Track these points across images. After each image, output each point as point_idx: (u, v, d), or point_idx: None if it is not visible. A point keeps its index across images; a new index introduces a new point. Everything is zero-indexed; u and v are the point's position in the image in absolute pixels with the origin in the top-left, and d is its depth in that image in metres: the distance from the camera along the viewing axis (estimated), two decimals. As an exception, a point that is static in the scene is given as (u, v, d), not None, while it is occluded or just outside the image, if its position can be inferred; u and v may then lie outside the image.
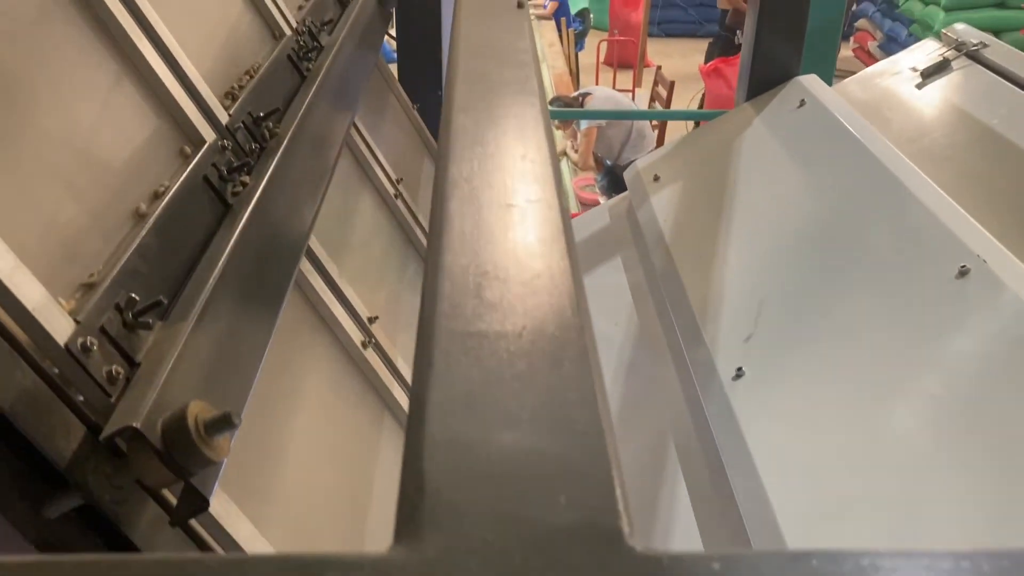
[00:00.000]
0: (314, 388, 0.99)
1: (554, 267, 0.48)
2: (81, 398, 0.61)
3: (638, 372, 1.64)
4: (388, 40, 2.23)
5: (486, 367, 0.40)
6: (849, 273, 1.39)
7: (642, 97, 7.13)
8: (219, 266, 0.76)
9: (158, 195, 0.81)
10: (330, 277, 1.07)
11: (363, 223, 1.33)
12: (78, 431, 0.60)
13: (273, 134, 1.02)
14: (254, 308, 0.79)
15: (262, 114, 1.01)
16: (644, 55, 8.45)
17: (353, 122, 1.35)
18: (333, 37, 1.36)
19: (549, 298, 0.45)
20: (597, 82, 7.78)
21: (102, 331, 0.63)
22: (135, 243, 0.72)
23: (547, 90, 6.71)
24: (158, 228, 0.76)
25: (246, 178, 0.91)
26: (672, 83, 6.18)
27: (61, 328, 0.60)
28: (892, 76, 1.97)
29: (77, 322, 0.62)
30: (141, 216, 0.77)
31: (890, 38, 8.75)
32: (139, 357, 0.66)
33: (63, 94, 0.75)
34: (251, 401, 0.74)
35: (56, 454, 0.58)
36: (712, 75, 6.43)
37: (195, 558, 0.59)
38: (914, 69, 1.91)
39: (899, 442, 1.15)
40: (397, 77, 1.88)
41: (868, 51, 9.09)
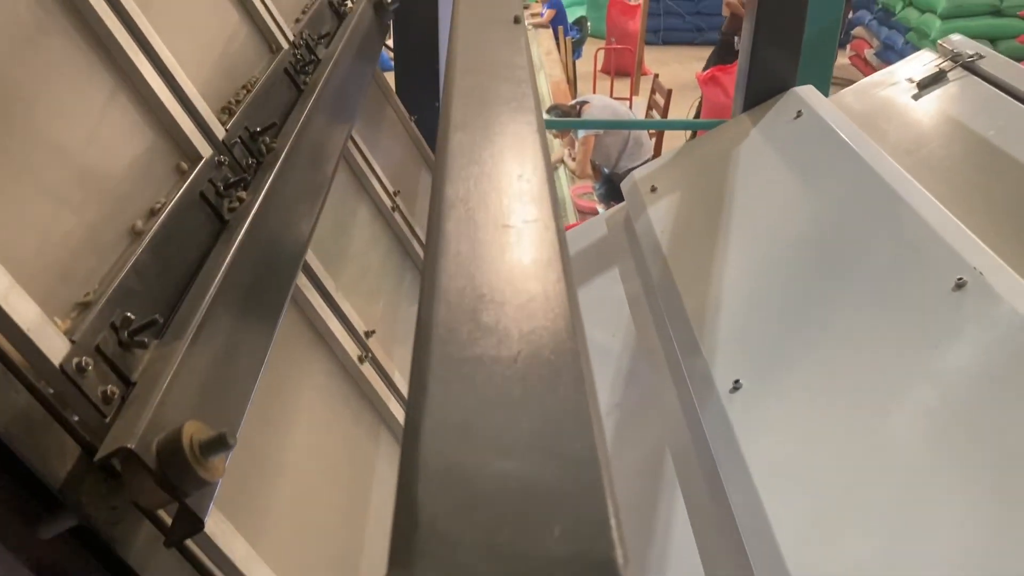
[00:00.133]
0: (310, 404, 0.99)
1: (550, 289, 0.48)
2: (76, 418, 0.61)
3: (636, 384, 1.64)
4: (386, 50, 2.23)
5: (481, 394, 0.40)
6: (846, 285, 1.39)
7: (639, 105, 7.14)
8: (215, 283, 0.76)
9: (154, 212, 0.80)
10: (326, 291, 1.07)
11: (360, 236, 1.33)
12: (73, 451, 0.60)
13: (270, 149, 1.02)
14: (250, 325, 0.79)
15: (259, 129, 1.01)
16: (641, 63, 8.47)
17: (350, 135, 1.35)
18: (330, 50, 1.36)
19: (545, 321, 0.45)
20: (594, 90, 7.80)
21: (97, 350, 0.63)
22: (131, 261, 0.72)
23: (544, 98, 6.73)
24: (154, 246, 0.76)
25: (243, 193, 0.91)
26: (669, 91, 6.19)
27: (56, 348, 0.60)
28: (889, 87, 1.98)
29: (72, 342, 0.62)
30: (137, 233, 0.77)
31: (886, 46, 8.78)
32: (135, 376, 0.65)
33: (58, 111, 0.75)
34: (247, 418, 0.74)
35: (50, 475, 0.58)
36: (709, 83, 6.45)
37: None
38: (910, 80, 1.91)
39: (896, 455, 1.15)
40: (395, 88, 1.88)
41: (865, 59, 9.12)
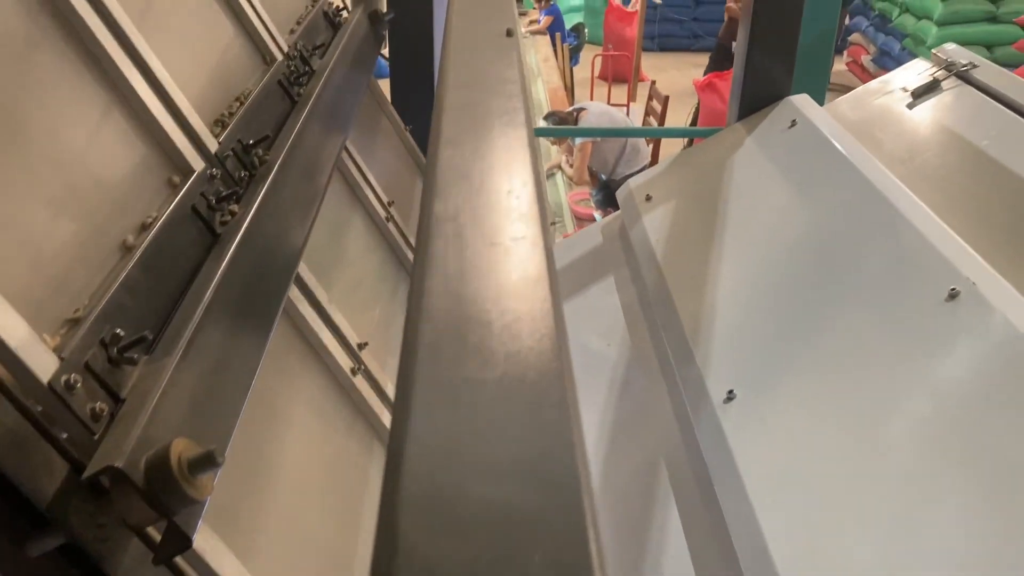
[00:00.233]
0: (302, 417, 0.99)
1: (536, 309, 0.48)
2: (64, 436, 0.61)
3: (631, 393, 1.64)
4: (382, 57, 2.23)
5: (464, 417, 0.40)
6: (840, 295, 1.39)
7: (637, 112, 7.16)
8: (206, 298, 0.76)
9: (146, 227, 0.81)
10: (319, 303, 1.07)
11: (353, 247, 1.33)
12: (61, 469, 0.60)
13: (263, 161, 1.02)
14: (241, 339, 0.79)
15: (252, 141, 1.02)
16: (639, 69, 8.49)
17: (344, 145, 1.35)
18: (324, 61, 1.36)
19: (530, 342, 0.45)
20: (592, 97, 7.82)
21: (86, 367, 0.63)
22: (121, 276, 0.72)
23: (542, 105, 6.74)
24: (145, 261, 0.76)
25: (235, 207, 0.91)
26: (666, 98, 6.20)
27: (45, 366, 0.60)
28: (884, 96, 1.98)
29: (61, 359, 0.62)
30: (128, 248, 0.77)
31: (883, 52, 8.80)
32: (124, 393, 0.65)
33: (49, 126, 0.75)
34: (238, 432, 0.74)
35: (38, 493, 0.58)
36: (706, 89, 6.46)
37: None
38: (904, 89, 1.92)
39: (890, 466, 1.15)
40: (390, 98, 1.88)
41: (862, 65, 9.14)
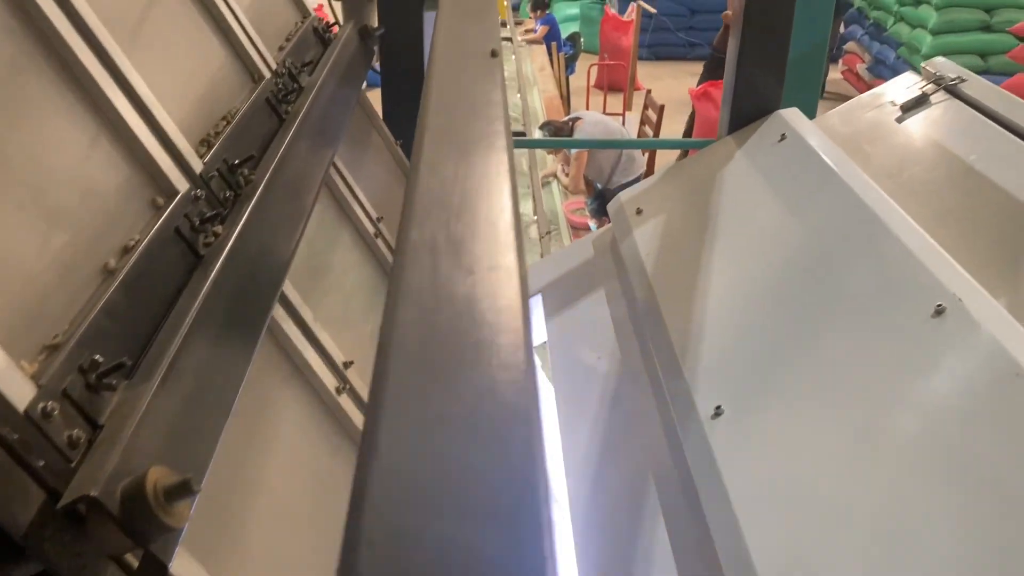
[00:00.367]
0: (286, 437, 0.99)
1: (507, 343, 0.48)
2: (41, 463, 0.61)
3: (620, 407, 1.64)
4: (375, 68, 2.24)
5: (430, 453, 0.40)
6: (827, 311, 1.39)
7: (632, 120, 7.17)
8: (187, 321, 0.76)
9: (128, 249, 0.81)
10: (304, 322, 1.07)
11: (341, 264, 1.34)
12: (37, 497, 0.60)
13: (248, 181, 1.02)
14: (223, 361, 0.79)
15: (237, 161, 1.02)
16: (634, 79, 8.51)
17: (332, 162, 1.35)
18: (314, 78, 1.37)
19: (501, 373, 0.45)
20: (588, 106, 7.84)
21: (64, 394, 0.63)
22: (102, 301, 0.72)
23: (538, 114, 6.76)
24: (126, 284, 0.76)
25: (219, 228, 0.91)
26: (662, 107, 6.22)
27: (21, 394, 0.60)
28: (873, 109, 1.99)
29: (39, 386, 0.62)
30: (110, 272, 0.77)
31: (878, 61, 8.84)
32: (102, 419, 0.65)
33: (29, 149, 0.75)
34: (219, 455, 0.74)
35: (14, 522, 0.57)
36: (702, 98, 6.48)
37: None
38: (894, 103, 1.92)
39: (875, 483, 1.15)
40: (382, 112, 1.89)
41: (857, 74, 9.18)
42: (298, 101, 1.27)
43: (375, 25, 1.75)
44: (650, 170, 5.87)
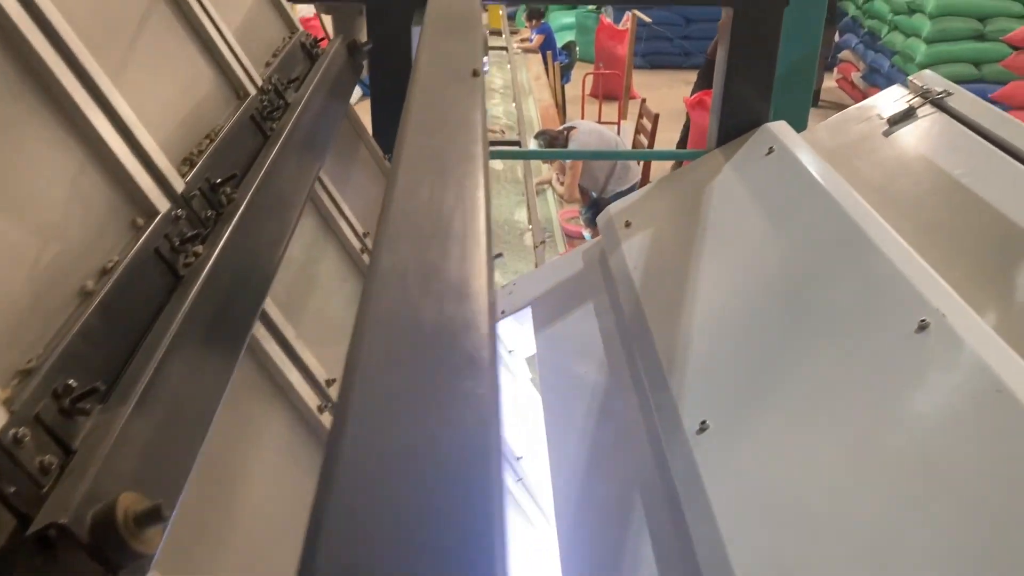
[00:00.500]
0: (267, 457, 0.99)
1: (473, 374, 0.48)
2: (12, 490, 0.61)
3: (607, 421, 1.64)
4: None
5: (386, 495, 0.40)
6: (812, 325, 1.40)
7: (628, 129, 7.19)
8: (164, 343, 0.76)
9: (106, 271, 0.81)
10: (286, 340, 1.07)
11: (325, 280, 1.34)
12: (8, 524, 0.60)
13: (231, 199, 1.02)
14: (200, 384, 0.79)
15: (220, 180, 1.02)
16: (630, 87, 8.53)
17: (318, 177, 1.35)
18: (300, 93, 1.37)
19: (466, 412, 0.45)
20: (583, 115, 7.85)
21: (36, 420, 0.63)
22: (78, 324, 0.72)
23: (533, 123, 6.77)
24: (104, 307, 0.76)
25: (199, 248, 0.91)
26: (656, 116, 6.24)
27: (-7, 421, 0.60)
28: (861, 123, 2.00)
29: (11, 412, 0.62)
30: (87, 294, 0.77)
31: (873, 69, 8.88)
32: (75, 444, 0.65)
33: (5, 169, 0.76)
34: (197, 477, 0.74)
35: (-18, 549, 0.58)
36: (696, 107, 6.50)
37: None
38: (881, 116, 1.93)
39: (859, 498, 1.15)
40: (372, 126, 1.89)
41: (852, 82, 9.21)
42: (283, 117, 1.28)
43: (364, 39, 1.76)
44: (645, 179, 5.88)
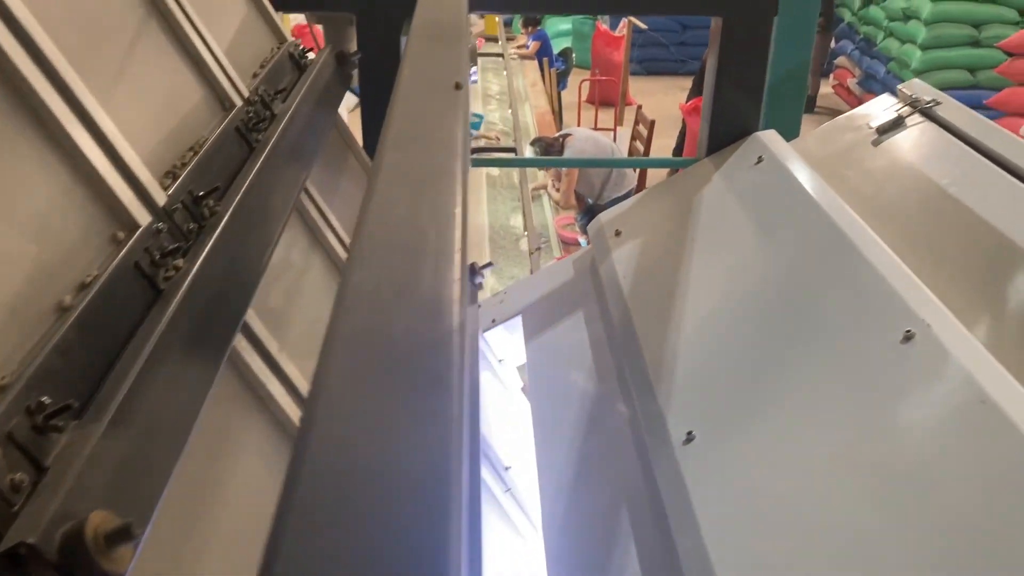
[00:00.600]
0: (248, 472, 0.99)
1: (440, 396, 0.48)
2: (-18, 509, 0.61)
3: (595, 430, 1.64)
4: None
5: (341, 516, 0.40)
6: (797, 336, 1.40)
7: (623, 136, 7.20)
8: (141, 359, 0.76)
9: (85, 286, 0.81)
10: (269, 353, 1.07)
11: (310, 291, 1.34)
12: (-22, 543, 0.60)
13: (213, 212, 1.02)
14: (176, 399, 0.79)
15: (202, 193, 1.02)
16: (626, 94, 8.55)
17: (304, 188, 1.35)
18: (287, 104, 1.37)
19: (428, 432, 0.45)
20: (579, 121, 7.87)
21: (8, 437, 0.63)
22: (54, 340, 0.72)
23: (529, 129, 6.78)
24: (81, 322, 0.76)
25: (180, 261, 0.91)
26: (652, 122, 6.25)
27: (-36, 439, 0.60)
28: (850, 132, 2.00)
29: (-17, 430, 0.62)
30: (64, 310, 0.77)
31: (869, 75, 8.90)
32: (48, 462, 0.65)
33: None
34: (175, 493, 0.73)
35: (-47, 569, 0.57)
36: (692, 113, 6.52)
37: None
38: (870, 125, 1.93)
39: (844, 510, 1.15)
40: (362, 136, 1.89)
41: (848, 88, 9.23)
42: (269, 129, 1.28)
43: (353, 49, 1.76)
44: (641, 185, 5.89)
